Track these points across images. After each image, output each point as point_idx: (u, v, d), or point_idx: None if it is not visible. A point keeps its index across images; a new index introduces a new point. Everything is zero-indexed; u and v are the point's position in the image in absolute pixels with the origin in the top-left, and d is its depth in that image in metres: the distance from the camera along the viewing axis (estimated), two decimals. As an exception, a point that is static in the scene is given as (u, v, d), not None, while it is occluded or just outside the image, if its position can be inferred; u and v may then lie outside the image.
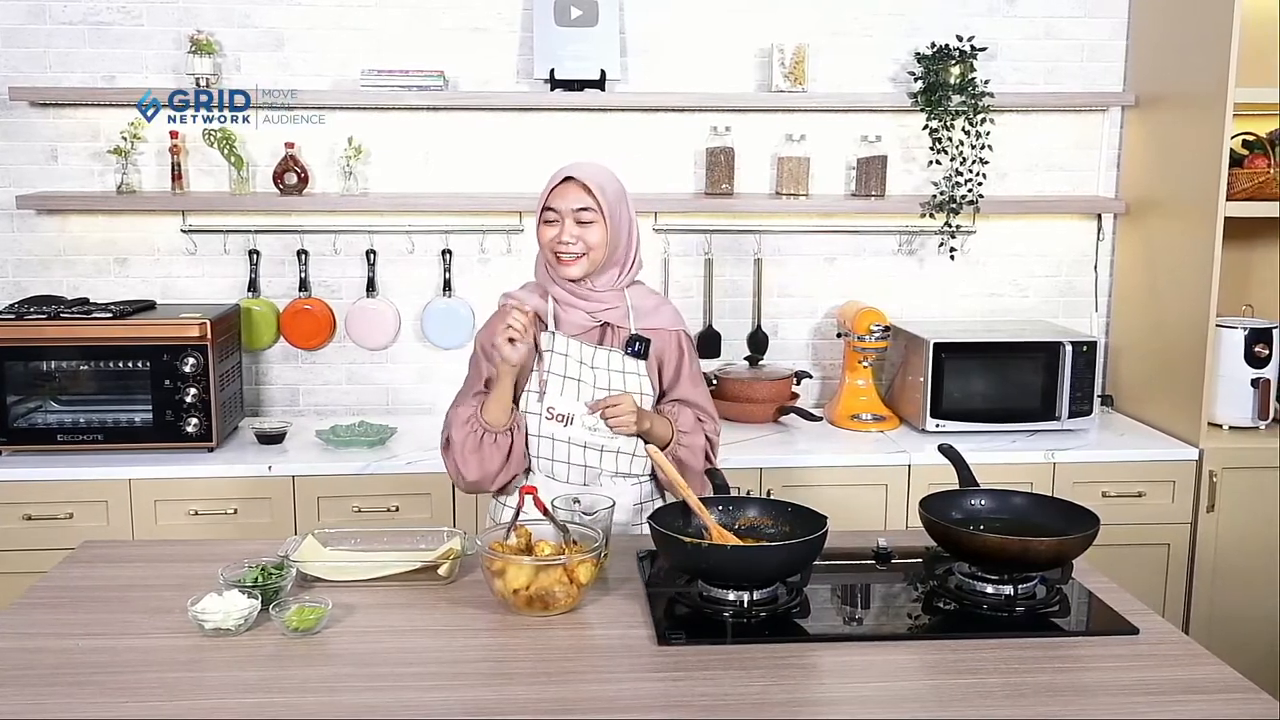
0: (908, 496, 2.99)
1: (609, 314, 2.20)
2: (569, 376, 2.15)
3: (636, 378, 2.20)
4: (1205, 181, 3.03)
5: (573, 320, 2.19)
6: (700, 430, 2.24)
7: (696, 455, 2.22)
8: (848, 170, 3.47)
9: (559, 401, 2.15)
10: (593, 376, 2.16)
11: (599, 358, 2.18)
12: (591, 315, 2.19)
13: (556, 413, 2.15)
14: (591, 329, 2.20)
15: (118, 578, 1.98)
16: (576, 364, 2.16)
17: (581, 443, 2.16)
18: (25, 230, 3.30)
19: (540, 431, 2.16)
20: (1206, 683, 1.62)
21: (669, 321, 2.27)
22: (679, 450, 2.19)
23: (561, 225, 2.13)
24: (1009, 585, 1.87)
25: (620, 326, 2.21)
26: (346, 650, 1.70)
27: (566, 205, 2.13)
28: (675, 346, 2.27)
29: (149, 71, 3.26)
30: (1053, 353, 3.18)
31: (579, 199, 2.13)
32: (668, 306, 2.31)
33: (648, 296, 2.28)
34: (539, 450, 2.18)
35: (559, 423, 2.15)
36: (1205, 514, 3.09)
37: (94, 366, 2.95)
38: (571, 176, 2.13)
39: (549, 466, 2.18)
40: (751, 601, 1.82)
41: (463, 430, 2.13)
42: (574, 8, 3.25)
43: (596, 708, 1.54)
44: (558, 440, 2.16)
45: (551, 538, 1.89)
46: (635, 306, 2.23)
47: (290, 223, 3.33)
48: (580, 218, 2.13)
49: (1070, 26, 3.47)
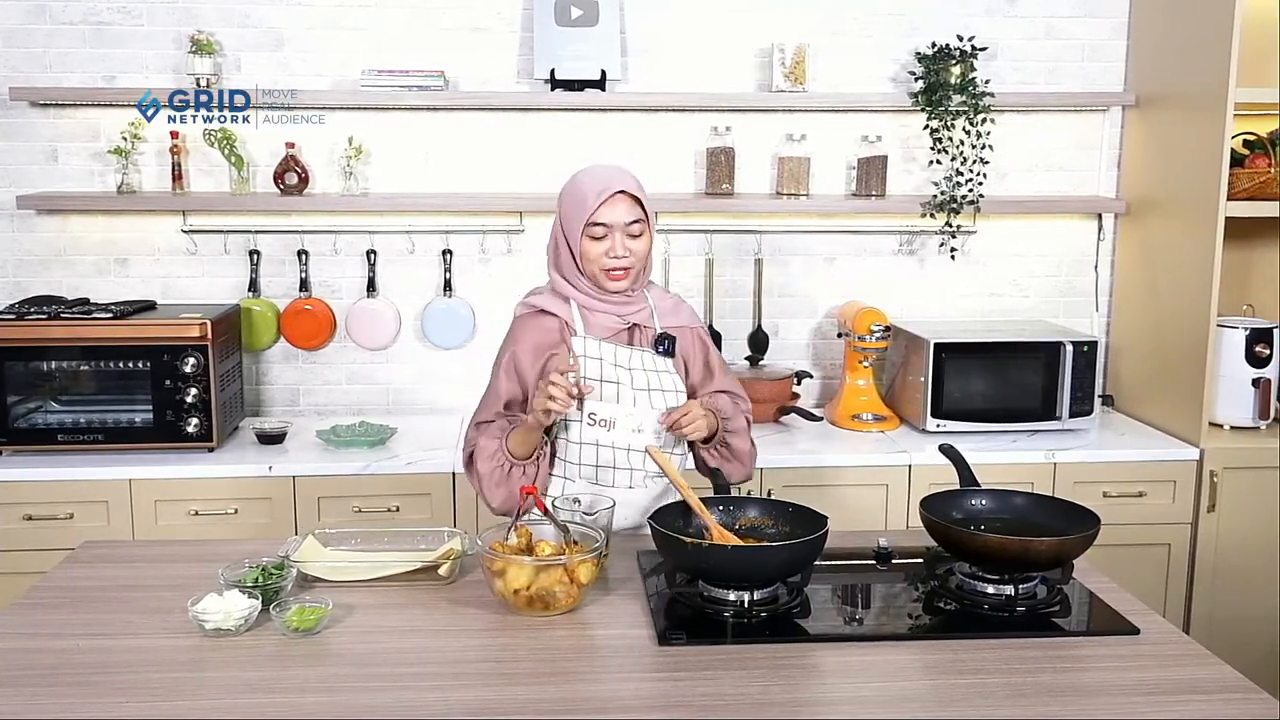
0: (908, 496, 2.99)
1: (637, 315, 2.18)
2: (606, 380, 2.12)
3: (669, 375, 2.18)
4: (1206, 181, 3.03)
5: (601, 323, 2.16)
6: (740, 413, 2.24)
7: (743, 438, 2.23)
8: (848, 170, 3.47)
9: (600, 407, 2.11)
10: (629, 378, 2.14)
11: (633, 359, 2.16)
12: (621, 317, 2.17)
13: (599, 418, 2.11)
14: (620, 331, 2.18)
15: (118, 578, 1.98)
16: (611, 367, 2.13)
17: (625, 446, 2.13)
18: (25, 230, 3.30)
19: (583, 438, 2.12)
20: (1207, 683, 1.62)
21: (688, 319, 2.27)
22: (728, 437, 2.19)
23: (613, 240, 2.09)
24: (1010, 585, 1.87)
25: (647, 326, 2.20)
26: (347, 650, 1.70)
27: (619, 219, 2.08)
28: (698, 343, 2.27)
29: (149, 71, 3.26)
30: (1053, 353, 3.18)
31: (631, 212, 2.10)
32: (684, 305, 2.30)
33: (665, 296, 2.28)
34: (581, 457, 2.13)
35: (602, 428, 2.12)
36: (1206, 514, 3.09)
37: (94, 366, 2.95)
38: (622, 190, 2.09)
39: (592, 473, 2.14)
40: (752, 602, 1.82)
41: (489, 464, 2.09)
42: (574, 7, 3.25)
43: (597, 708, 1.54)
44: (601, 445, 2.12)
45: (552, 538, 1.89)
46: (656, 306, 2.22)
47: (290, 223, 3.33)
48: (631, 231, 2.10)
49: (1070, 26, 3.47)
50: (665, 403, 2.15)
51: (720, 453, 2.21)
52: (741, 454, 2.23)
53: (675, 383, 2.19)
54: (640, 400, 2.13)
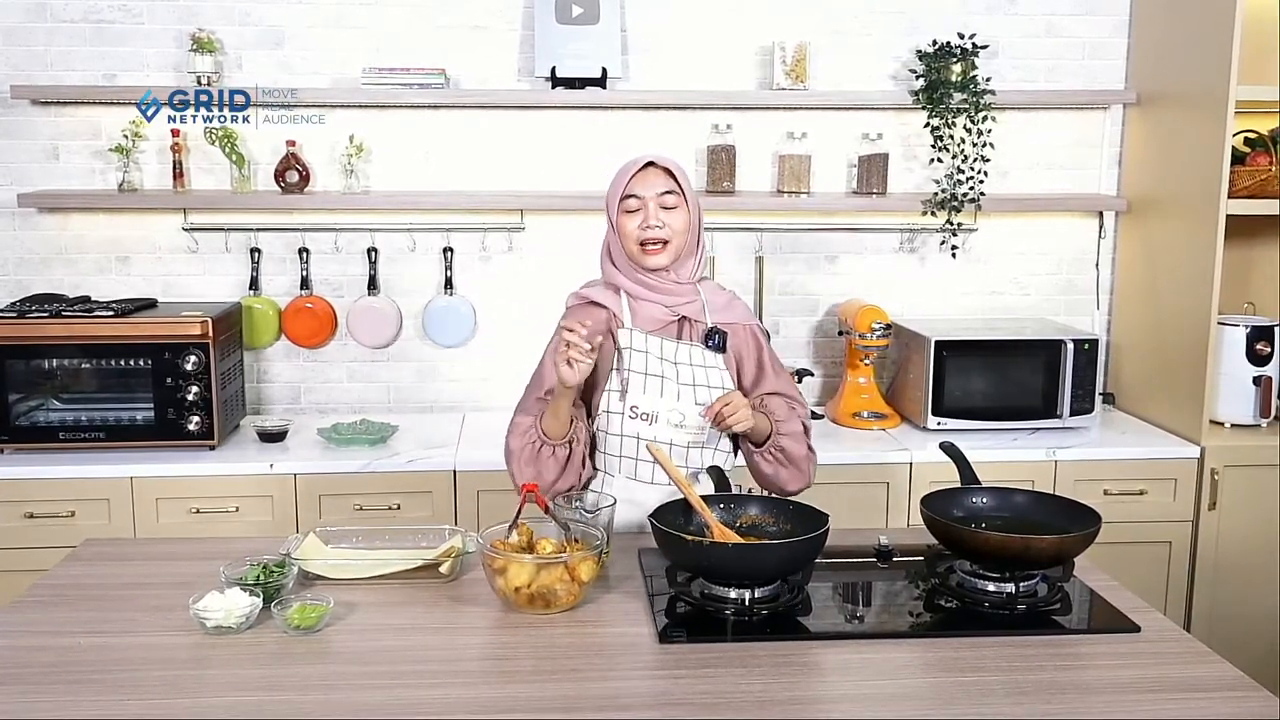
0: (909, 494, 2.99)
1: (687, 307, 2.16)
2: (650, 374, 2.10)
3: (719, 372, 2.15)
4: (1207, 179, 3.02)
5: (650, 315, 2.14)
6: (795, 416, 2.20)
7: (798, 442, 2.18)
8: (849, 168, 3.47)
9: (642, 400, 2.10)
10: (675, 372, 2.12)
11: (680, 353, 2.14)
12: (670, 309, 2.15)
13: (640, 411, 2.10)
14: (669, 323, 2.16)
15: (119, 576, 1.98)
16: (657, 360, 2.12)
17: (666, 440, 2.11)
18: (27, 228, 3.30)
19: (624, 431, 2.11)
20: (1208, 681, 1.62)
21: (742, 316, 2.24)
22: (780, 440, 2.14)
23: (646, 211, 2.09)
24: (1010, 583, 1.87)
25: (697, 320, 2.17)
26: (348, 648, 1.70)
27: (650, 191, 2.09)
28: (752, 341, 2.24)
29: (150, 70, 3.26)
30: (1054, 351, 3.18)
31: (663, 183, 2.10)
32: (739, 302, 2.27)
33: (719, 292, 2.25)
34: (622, 449, 2.12)
35: (644, 421, 2.10)
36: (1207, 512, 3.09)
37: (95, 365, 2.95)
38: (652, 162, 2.10)
39: (631, 467, 2.12)
40: (753, 599, 1.82)
41: (521, 440, 2.09)
42: (575, 5, 3.25)
43: (598, 706, 1.54)
44: (642, 439, 2.10)
45: (553, 536, 1.89)
46: (708, 300, 2.19)
47: (291, 221, 3.33)
48: (664, 202, 2.09)
49: (1071, 24, 3.47)
50: (711, 399, 2.10)
51: (775, 457, 2.16)
52: (797, 459, 2.17)
53: (724, 379, 2.15)
54: (685, 395, 2.11)
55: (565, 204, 3.29)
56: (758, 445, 2.15)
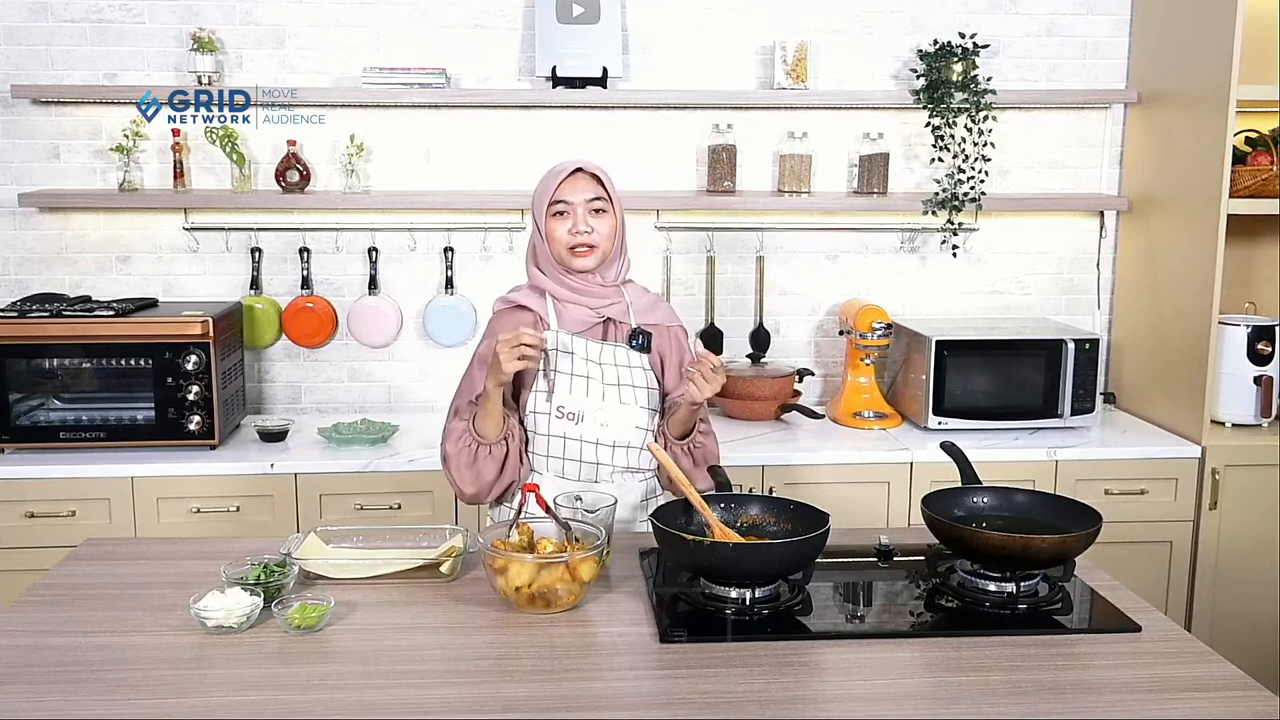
0: (910, 494, 2.99)
1: (611, 309, 2.20)
2: (576, 374, 2.15)
3: (644, 372, 2.20)
4: (1208, 179, 3.02)
5: (575, 317, 2.19)
6: (709, 428, 2.24)
7: (714, 444, 2.23)
8: (850, 168, 3.46)
9: (569, 399, 2.14)
10: (600, 372, 2.16)
11: (605, 353, 2.18)
12: (595, 311, 2.19)
13: (567, 411, 2.14)
14: (594, 325, 2.20)
15: (120, 575, 1.98)
16: (583, 361, 2.16)
17: (593, 439, 2.15)
18: (27, 228, 3.30)
19: (550, 430, 2.15)
20: (1209, 680, 1.62)
21: (666, 317, 2.29)
22: (698, 437, 2.18)
23: (574, 217, 2.13)
24: (1011, 583, 1.87)
25: (622, 322, 2.22)
26: (348, 648, 1.70)
27: (579, 197, 2.13)
28: (675, 343, 2.28)
29: (151, 69, 3.26)
30: (1055, 350, 3.18)
31: (590, 189, 2.14)
32: (663, 303, 2.33)
33: (643, 294, 2.30)
34: (549, 449, 2.16)
35: (570, 421, 2.14)
36: (1208, 511, 3.09)
37: (96, 364, 2.95)
38: (580, 168, 2.14)
39: (559, 465, 2.17)
40: (753, 599, 1.82)
41: (456, 445, 2.12)
42: (575, 5, 3.24)
43: (598, 705, 1.54)
44: (569, 438, 2.15)
45: (554, 535, 1.89)
46: (633, 303, 2.24)
47: (292, 220, 3.33)
48: (593, 208, 2.14)
49: (1072, 24, 3.46)
50: (636, 399, 2.17)
51: (691, 452, 2.19)
52: (710, 458, 2.21)
53: (649, 379, 2.21)
54: (610, 395, 2.15)
55: (566, 203, 3.28)
56: (679, 438, 2.18)
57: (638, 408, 2.17)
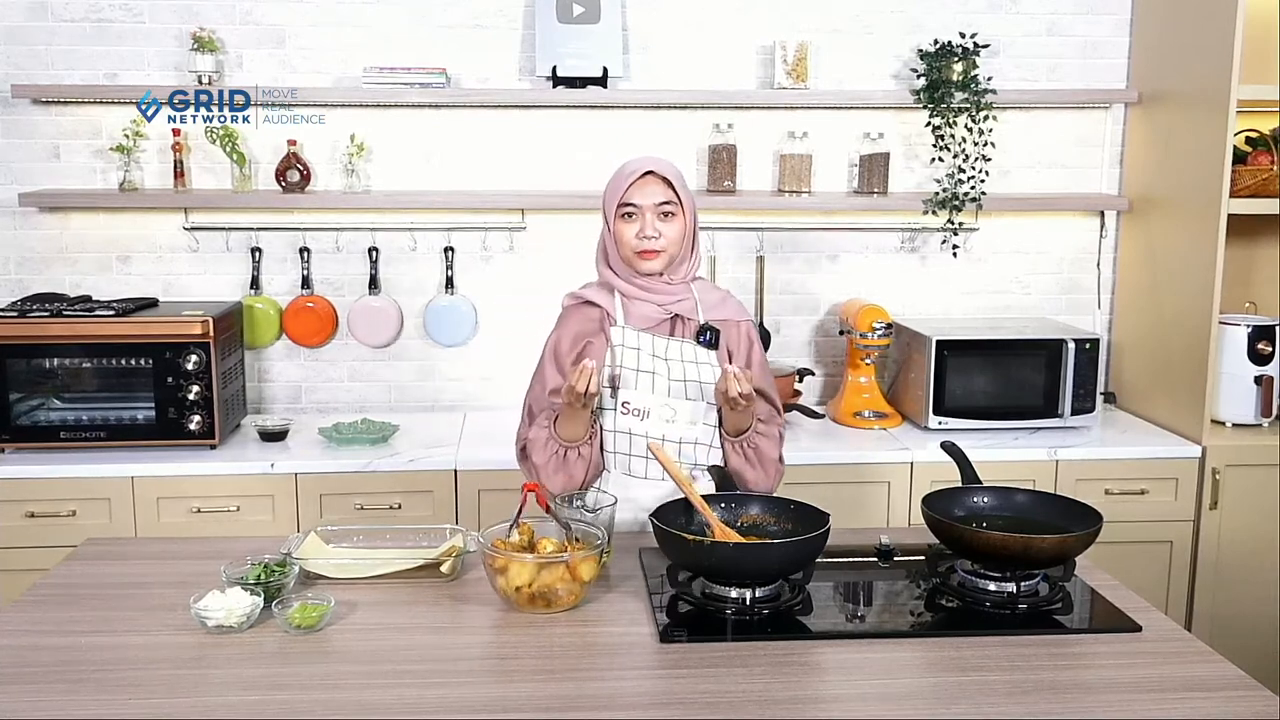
0: (910, 494, 2.99)
1: (679, 305, 2.18)
2: (642, 370, 2.13)
3: (710, 368, 2.17)
4: (1208, 179, 3.02)
5: (642, 313, 2.17)
6: (775, 421, 2.23)
7: (773, 445, 2.21)
8: (850, 167, 3.46)
9: (634, 396, 2.13)
10: (666, 369, 2.14)
11: (671, 349, 2.16)
12: (662, 307, 2.17)
13: (632, 407, 2.13)
14: (661, 322, 2.18)
15: (120, 575, 1.98)
16: (649, 357, 2.14)
17: (659, 436, 2.14)
18: (28, 228, 3.30)
19: (616, 427, 2.14)
20: (1209, 680, 1.62)
21: (735, 313, 2.26)
22: (756, 437, 2.17)
23: (643, 220, 2.11)
24: (1011, 583, 1.87)
25: (690, 318, 2.19)
26: (349, 647, 1.70)
27: (649, 200, 2.11)
28: (744, 338, 2.25)
29: (151, 69, 3.25)
30: (1055, 350, 3.18)
31: (660, 192, 2.12)
32: (732, 299, 2.29)
33: (711, 290, 2.28)
34: (615, 446, 2.15)
35: (635, 417, 2.13)
36: (1208, 511, 3.09)
37: (96, 364, 2.95)
38: (651, 170, 2.12)
39: (625, 462, 2.16)
40: (754, 599, 1.82)
41: (544, 454, 2.12)
42: (576, 5, 3.24)
43: (598, 705, 1.54)
44: (635, 435, 2.14)
45: (554, 535, 1.89)
46: (701, 299, 2.21)
47: (292, 220, 3.33)
48: (662, 211, 2.12)
49: (1073, 23, 3.46)
50: (703, 395, 2.15)
51: (745, 451, 2.18)
52: (766, 460, 2.19)
53: (716, 375, 2.17)
54: (676, 391, 2.13)
55: (566, 203, 3.28)
56: (734, 436, 2.17)
57: (704, 404, 2.15)
